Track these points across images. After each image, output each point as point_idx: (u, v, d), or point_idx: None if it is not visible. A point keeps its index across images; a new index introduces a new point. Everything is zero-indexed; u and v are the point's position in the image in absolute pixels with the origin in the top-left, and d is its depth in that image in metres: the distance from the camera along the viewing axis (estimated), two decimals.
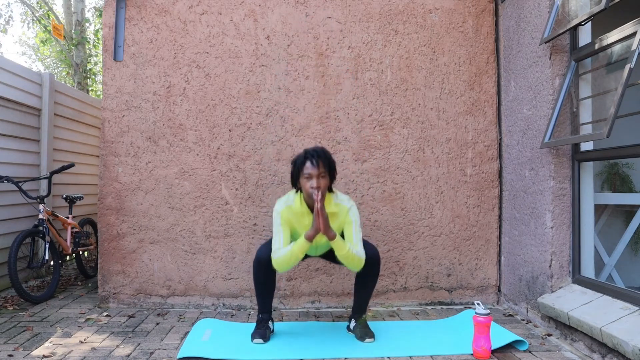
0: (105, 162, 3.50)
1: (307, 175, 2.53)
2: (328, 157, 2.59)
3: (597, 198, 3.50)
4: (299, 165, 2.59)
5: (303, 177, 2.56)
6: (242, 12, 3.55)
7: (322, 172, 2.53)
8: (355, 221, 2.64)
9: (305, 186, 2.54)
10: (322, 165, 2.54)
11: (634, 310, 2.30)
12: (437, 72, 3.61)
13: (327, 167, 2.56)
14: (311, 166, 2.53)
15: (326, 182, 2.56)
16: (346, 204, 2.66)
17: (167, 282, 3.49)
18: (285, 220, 2.64)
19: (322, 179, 2.53)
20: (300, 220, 2.64)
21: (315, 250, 2.77)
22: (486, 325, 2.50)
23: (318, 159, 2.53)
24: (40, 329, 2.94)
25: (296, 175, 2.62)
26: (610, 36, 2.53)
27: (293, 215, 2.64)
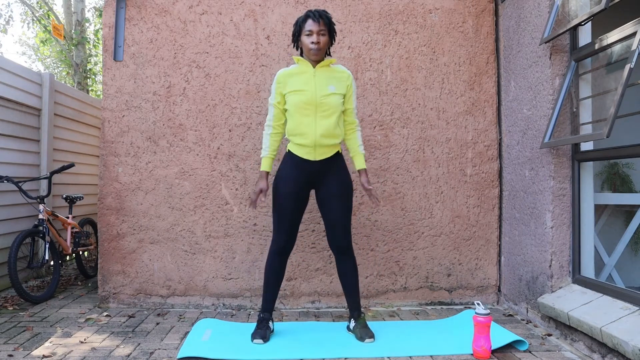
0: (105, 162, 3.50)
1: (308, 32, 2.64)
2: (329, 16, 2.71)
3: (597, 198, 3.50)
4: (300, 23, 2.70)
5: (304, 34, 2.66)
6: (242, 12, 3.55)
7: (322, 30, 2.65)
8: (355, 91, 2.83)
9: (306, 42, 2.66)
10: (323, 24, 2.65)
11: (634, 310, 2.30)
12: (437, 72, 3.61)
13: (327, 25, 2.67)
14: (312, 22, 2.64)
15: (326, 39, 2.67)
16: (347, 70, 2.80)
17: (167, 282, 3.49)
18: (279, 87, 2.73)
19: (322, 36, 2.65)
20: (296, 79, 2.72)
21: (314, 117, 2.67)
22: (486, 325, 2.50)
23: (319, 17, 2.64)
24: (40, 329, 2.94)
25: (297, 33, 2.73)
26: (610, 36, 2.53)
27: (290, 76, 2.73)
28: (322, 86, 2.68)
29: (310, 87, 2.68)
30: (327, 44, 2.71)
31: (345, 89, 2.75)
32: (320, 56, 2.69)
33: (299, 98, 2.67)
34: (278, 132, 2.80)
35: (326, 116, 2.68)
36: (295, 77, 2.73)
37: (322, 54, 2.70)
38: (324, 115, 2.68)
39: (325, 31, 2.66)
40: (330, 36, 2.71)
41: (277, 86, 2.75)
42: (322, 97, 2.67)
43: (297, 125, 2.69)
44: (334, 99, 2.68)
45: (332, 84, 2.71)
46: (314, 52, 2.65)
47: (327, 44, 2.71)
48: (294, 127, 2.70)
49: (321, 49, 2.66)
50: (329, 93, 2.68)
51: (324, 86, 2.68)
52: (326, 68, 2.74)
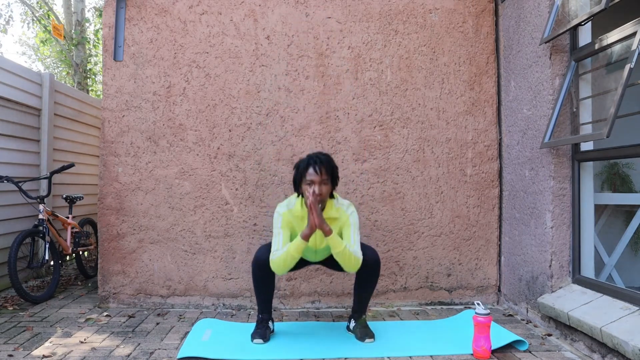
0: (105, 162, 3.50)
1: (309, 182, 2.54)
2: (331, 164, 2.61)
3: (597, 198, 3.50)
4: (301, 171, 2.60)
5: (305, 182, 2.56)
6: (242, 12, 3.55)
7: (324, 179, 2.55)
8: (355, 224, 2.65)
9: (307, 192, 2.54)
10: (325, 172, 2.56)
11: (634, 310, 2.30)
12: (437, 72, 3.61)
13: (329, 174, 2.58)
14: (313, 173, 2.54)
15: (328, 188, 2.58)
16: (346, 209, 2.67)
17: (167, 282, 3.49)
18: (285, 223, 2.65)
19: (323, 185, 2.55)
20: (301, 224, 2.65)
21: (314, 255, 2.77)
22: (486, 325, 2.50)
23: (321, 166, 2.55)
24: (40, 329, 2.94)
25: (298, 180, 2.63)
26: (610, 36, 2.53)
27: (294, 218, 2.65)
28: (321, 239, 2.65)
29: (310, 240, 2.64)
30: (329, 193, 2.62)
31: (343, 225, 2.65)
32: (322, 205, 2.60)
33: None
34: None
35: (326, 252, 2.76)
36: (298, 221, 2.66)
37: (324, 203, 2.61)
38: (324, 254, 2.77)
39: (327, 179, 2.57)
40: (333, 182, 2.62)
41: (283, 221, 2.65)
42: (321, 248, 2.70)
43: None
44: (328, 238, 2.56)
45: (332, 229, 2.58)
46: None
47: (329, 193, 2.62)
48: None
49: (323, 199, 2.57)
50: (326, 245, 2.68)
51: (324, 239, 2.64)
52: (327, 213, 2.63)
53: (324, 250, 2.73)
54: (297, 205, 2.66)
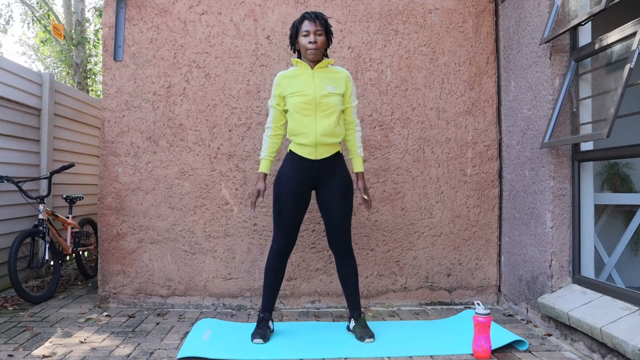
0: (105, 162, 3.50)
1: (305, 33, 2.66)
2: (325, 17, 2.74)
3: (597, 198, 3.50)
4: (297, 24, 2.72)
5: (301, 35, 2.69)
6: (242, 12, 3.55)
7: (319, 30, 2.67)
8: (354, 91, 2.84)
9: (303, 43, 2.67)
10: (319, 24, 2.67)
11: (634, 310, 2.30)
12: (437, 72, 3.61)
13: (323, 25, 2.69)
14: (309, 22, 2.66)
15: (323, 39, 2.69)
16: (345, 70, 2.82)
17: (167, 282, 3.49)
18: (278, 90, 2.75)
19: (319, 36, 2.67)
20: (295, 82, 2.73)
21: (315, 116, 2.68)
22: (486, 325, 2.50)
23: (316, 18, 2.67)
24: (40, 329, 2.94)
25: (295, 35, 2.74)
26: (610, 36, 2.53)
27: (288, 79, 2.75)
28: (321, 87, 2.70)
29: (309, 88, 2.69)
30: (325, 44, 2.73)
31: (344, 88, 2.76)
32: (318, 56, 2.70)
33: (299, 99, 2.68)
34: (278, 134, 2.82)
35: (326, 115, 2.69)
36: (294, 79, 2.74)
37: (319, 54, 2.71)
38: (324, 114, 2.69)
39: (322, 31, 2.69)
40: (327, 37, 2.73)
41: (277, 88, 2.77)
42: (321, 97, 2.68)
43: (297, 125, 2.70)
44: (333, 99, 2.69)
45: (331, 84, 2.72)
46: (312, 52, 2.66)
47: (325, 44, 2.73)
48: (294, 127, 2.71)
49: (319, 48, 2.68)
50: (328, 93, 2.69)
51: (323, 86, 2.70)
52: (324, 69, 2.76)
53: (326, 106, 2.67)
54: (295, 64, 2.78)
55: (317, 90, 2.69)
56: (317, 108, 2.69)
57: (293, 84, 2.73)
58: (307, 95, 2.67)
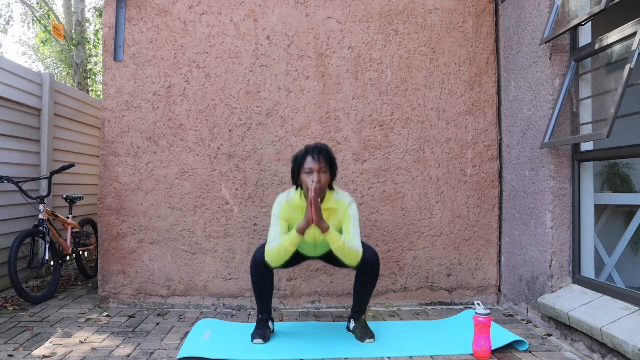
0: (105, 162, 3.50)
1: (308, 170, 2.53)
2: (329, 153, 2.61)
3: (597, 198, 3.50)
4: (299, 160, 2.59)
5: (304, 172, 2.56)
6: (242, 12, 3.55)
7: (322, 167, 2.54)
8: (354, 216, 2.63)
9: (306, 181, 2.54)
10: (323, 160, 2.55)
11: (634, 310, 2.30)
12: (437, 72, 3.61)
13: (328, 162, 2.57)
14: (312, 161, 2.53)
15: (327, 177, 2.57)
16: (346, 199, 2.67)
17: (167, 282, 3.49)
18: (283, 214, 2.65)
19: (322, 174, 2.54)
20: (299, 215, 2.64)
21: (314, 249, 2.76)
22: (486, 325, 2.50)
23: (319, 154, 2.55)
24: (40, 329, 2.94)
25: (297, 171, 2.62)
26: (610, 36, 2.53)
27: (292, 209, 2.65)
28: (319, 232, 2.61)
29: (309, 232, 2.59)
30: (328, 182, 2.59)
31: (342, 218, 2.63)
32: (321, 195, 2.56)
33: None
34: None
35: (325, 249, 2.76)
36: (296, 213, 2.64)
37: (323, 193, 2.58)
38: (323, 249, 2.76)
39: (326, 168, 2.55)
40: (331, 172, 2.60)
41: (281, 212, 2.64)
42: (321, 240, 2.67)
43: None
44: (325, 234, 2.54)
45: (331, 222, 2.61)
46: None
47: (328, 182, 2.59)
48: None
49: (322, 188, 2.54)
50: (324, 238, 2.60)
51: None
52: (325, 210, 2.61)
53: (324, 244, 2.71)
54: (296, 196, 2.66)
55: (317, 234, 2.63)
56: (316, 246, 2.73)
57: (295, 216, 2.64)
58: (306, 237, 2.60)
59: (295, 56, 3.55)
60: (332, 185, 2.68)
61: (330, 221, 2.61)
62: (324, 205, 2.62)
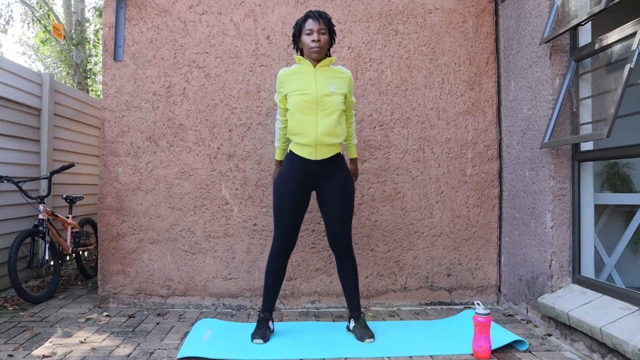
0: (105, 162, 3.50)
1: (309, 31, 2.65)
2: (329, 17, 2.72)
3: (597, 198, 3.50)
4: (300, 23, 2.71)
5: (304, 33, 2.68)
6: (242, 12, 3.55)
7: (322, 28, 2.66)
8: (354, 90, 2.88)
9: (306, 41, 2.66)
10: (323, 22, 2.66)
11: (634, 310, 2.30)
12: (437, 72, 3.61)
13: (327, 24, 2.69)
14: (312, 21, 2.65)
15: (326, 38, 2.69)
16: (347, 70, 2.81)
17: (167, 282, 3.49)
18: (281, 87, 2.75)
19: (322, 34, 2.66)
20: (298, 79, 2.72)
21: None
22: (486, 325, 2.50)
23: (319, 16, 2.66)
24: (40, 329, 2.94)
25: (298, 34, 2.73)
26: (610, 36, 2.53)
27: (291, 75, 2.74)
28: (323, 85, 2.68)
29: (311, 86, 2.67)
30: (328, 44, 2.72)
31: (347, 88, 2.76)
32: (320, 55, 2.69)
33: (301, 97, 2.67)
34: (286, 126, 2.85)
35: (327, 114, 2.67)
36: (297, 77, 2.73)
37: (322, 53, 2.69)
38: (325, 114, 2.67)
39: (325, 30, 2.67)
40: (330, 36, 2.72)
41: (279, 85, 2.77)
42: (323, 96, 2.67)
43: (298, 124, 2.68)
44: (334, 98, 2.68)
45: (333, 83, 2.71)
46: (315, 51, 2.65)
47: (328, 44, 2.72)
48: (294, 126, 2.70)
49: (322, 47, 2.66)
50: (330, 92, 2.68)
51: (325, 85, 2.69)
52: (327, 67, 2.74)
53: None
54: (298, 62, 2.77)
55: (318, 89, 2.67)
56: (318, 107, 2.67)
57: (295, 81, 2.72)
58: (308, 94, 2.66)
59: None
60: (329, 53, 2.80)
61: (334, 81, 2.72)
62: (328, 66, 2.74)
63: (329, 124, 2.66)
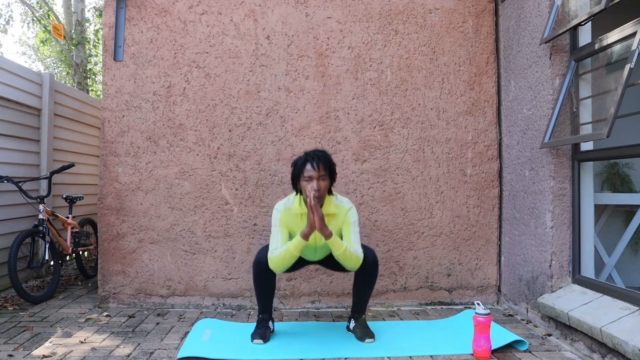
0: (105, 162, 3.50)
1: (308, 178, 2.54)
2: (328, 159, 2.61)
3: (597, 198, 3.50)
4: (299, 167, 2.59)
5: (303, 179, 2.56)
6: (242, 12, 3.55)
7: (322, 175, 2.55)
8: (354, 221, 2.65)
9: (306, 188, 2.54)
10: (323, 168, 2.55)
11: (634, 310, 2.30)
12: (437, 72, 3.61)
13: (327, 169, 2.58)
14: (311, 168, 2.54)
15: (326, 184, 2.58)
16: (346, 204, 2.68)
17: (167, 282, 3.49)
18: (284, 221, 2.65)
19: (322, 181, 2.55)
20: (299, 223, 2.64)
21: (314, 253, 2.76)
22: (486, 325, 2.50)
23: (319, 161, 2.55)
24: (40, 329, 2.94)
25: (296, 177, 2.62)
26: (610, 36, 2.53)
27: (292, 216, 2.66)
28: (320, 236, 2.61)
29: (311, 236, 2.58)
30: (327, 188, 2.60)
31: (342, 223, 2.65)
32: (320, 202, 2.56)
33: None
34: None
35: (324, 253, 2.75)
36: (297, 219, 2.65)
37: (322, 200, 2.58)
38: (322, 253, 2.75)
39: (325, 175, 2.56)
40: (331, 177, 2.61)
41: (281, 219, 2.65)
42: (321, 246, 2.68)
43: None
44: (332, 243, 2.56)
45: (331, 226, 2.62)
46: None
47: (327, 188, 2.60)
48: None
49: (322, 195, 2.55)
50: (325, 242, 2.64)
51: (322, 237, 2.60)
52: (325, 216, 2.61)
53: (324, 248, 2.72)
54: (295, 203, 2.67)
55: (317, 239, 2.64)
56: (316, 251, 2.73)
57: (295, 223, 2.65)
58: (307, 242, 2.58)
59: (295, 56, 3.55)
60: (331, 191, 2.68)
61: (330, 226, 2.61)
62: (324, 211, 2.62)
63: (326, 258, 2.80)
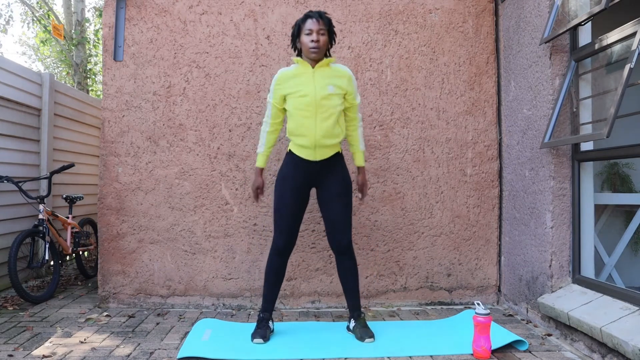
0: (105, 162, 3.50)
1: (308, 31, 2.63)
2: (329, 17, 2.71)
3: (597, 198, 3.50)
4: (299, 23, 2.69)
5: (303, 33, 2.66)
6: (242, 12, 3.55)
7: (322, 29, 2.64)
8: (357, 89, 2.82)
9: (305, 41, 2.64)
10: (323, 23, 2.65)
11: (634, 310, 2.30)
12: (437, 72, 3.61)
13: (327, 25, 2.66)
14: (312, 21, 2.63)
15: (325, 39, 2.66)
16: (346, 69, 2.77)
17: (167, 282, 3.49)
18: (278, 88, 2.73)
19: (321, 35, 2.64)
20: (298, 81, 2.70)
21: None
22: (486, 325, 2.50)
23: (319, 16, 2.64)
24: (40, 329, 2.94)
25: (297, 34, 2.71)
26: (610, 36, 2.53)
27: (292, 77, 2.72)
28: (321, 87, 2.67)
29: (309, 89, 2.67)
30: (327, 44, 2.70)
31: (345, 88, 2.74)
32: (319, 56, 2.67)
33: (299, 100, 2.67)
34: (275, 129, 2.83)
35: (326, 117, 2.67)
36: (295, 79, 2.72)
37: (321, 54, 2.68)
38: (324, 117, 2.67)
39: (324, 31, 2.66)
40: (329, 37, 2.71)
41: (277, 87, 2.75)
42: (321, 99, 2.66)
43: (297, 127, 2.69)
44: (333, 101, 2.67)
45: (332, 83, 2.69)
46: (314, 51, 2.64)
47: (327, 44, 2.70)
48: (294, 128, 2.70)
49: (321, 47, 2.64)
50: (328, 94, 2.67)
51: (324, 86, 2.68)
52: (325, 68, 2.73)
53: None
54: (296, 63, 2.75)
55: (317, 91, 2.67)
56: (317, 110, 2.67)
57: (293, 83, 2.71)
58: (307, 96, 2.65)
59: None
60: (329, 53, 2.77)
61: (333, 81, 2.69)
62: (325, 67, 2.71)
63: (327, 127, 2.67)
